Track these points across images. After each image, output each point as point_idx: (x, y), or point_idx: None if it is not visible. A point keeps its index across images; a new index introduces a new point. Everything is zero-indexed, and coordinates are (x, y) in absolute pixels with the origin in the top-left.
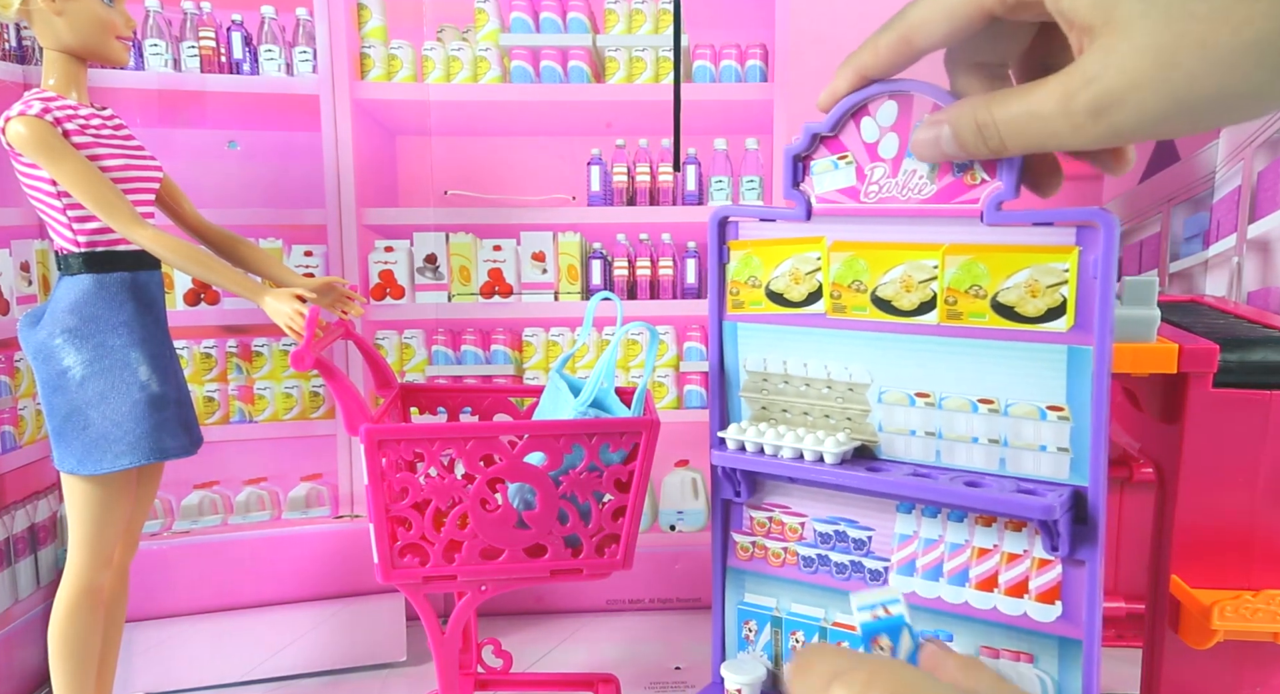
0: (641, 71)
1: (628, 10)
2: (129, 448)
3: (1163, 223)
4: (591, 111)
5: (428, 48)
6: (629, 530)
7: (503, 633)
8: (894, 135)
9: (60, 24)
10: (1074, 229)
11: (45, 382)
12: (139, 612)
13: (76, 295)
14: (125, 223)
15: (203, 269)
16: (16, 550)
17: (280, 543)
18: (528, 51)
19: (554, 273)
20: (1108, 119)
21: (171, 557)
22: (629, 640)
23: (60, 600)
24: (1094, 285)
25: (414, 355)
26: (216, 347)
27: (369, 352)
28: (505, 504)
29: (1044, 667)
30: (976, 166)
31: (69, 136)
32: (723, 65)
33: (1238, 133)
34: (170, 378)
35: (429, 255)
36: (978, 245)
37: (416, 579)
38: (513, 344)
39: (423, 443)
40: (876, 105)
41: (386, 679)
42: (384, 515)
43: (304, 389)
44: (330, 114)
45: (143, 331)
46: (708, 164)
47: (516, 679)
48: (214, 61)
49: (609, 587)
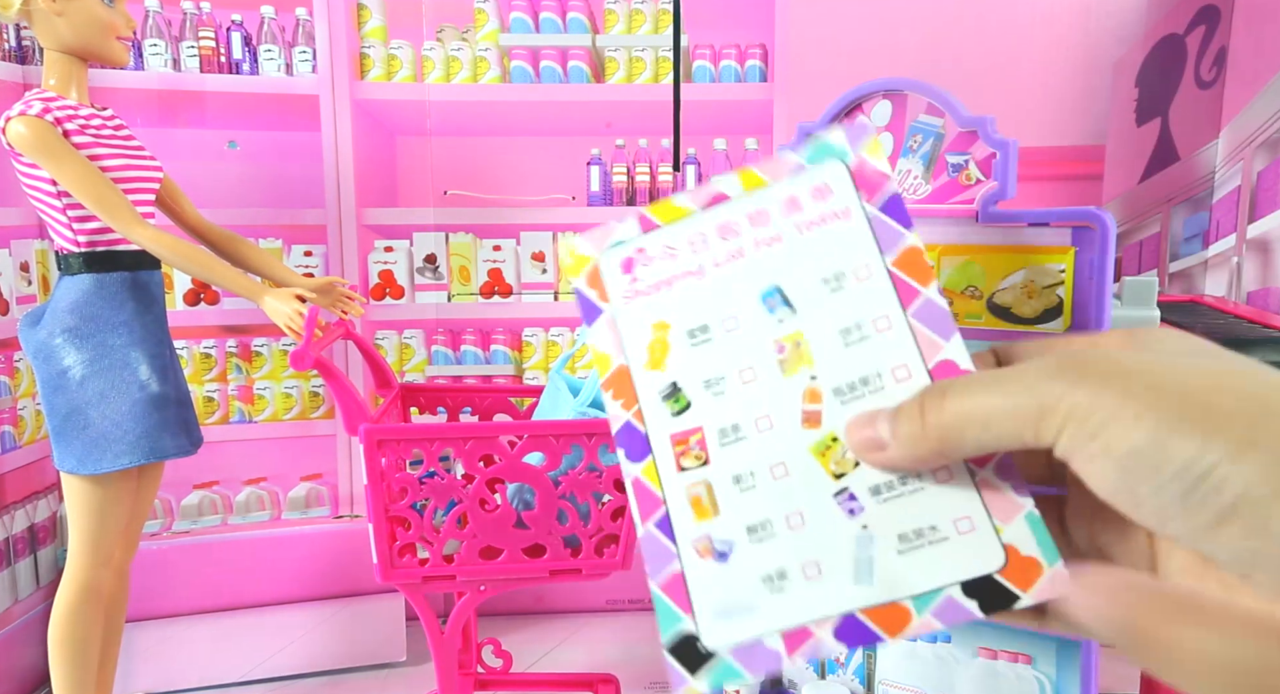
0: (641, 71)
1: (627, 10)
2: (129, 447)
3: (1162, 223)
4: (591, 111)
5: (427, 48)
6: (628, 530)
7: (503, 633)
8: (888, 135)
9: (61, 24)
10: (1070, 229)
11: (45, 381)
12: (139, 612)
13: (77, 295)
14: (125, 223)
15: (202, 269)
16: (16, 550)
17: (280, 543)
18: (527, 51)
19: (554, 273)
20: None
21: (171, 557)
22: (629, 640)
23: (60, 600)
24: (1090, 286)
25: (414, 355)
26: (216, 346)
27: (369, 352)
28: (504, 504)
29: (1042, 668)
30: (972, 166)
31: (69, 136)
32: (722, 65)
33: (1238, 133)
34: (170, 378)
35: (429, 255)
36: (973, 246)
37: (416, 579)
38: (512, 344)
39: (422, 443)
40: (871, 105)
41: (386, 679)
42: (383, 515)
43: (304, 389)
44: (330, 114)
45: (143, 331)
46: (708, 164)
47: (516, 679)
48: (214, 61)
49: (609, 587)
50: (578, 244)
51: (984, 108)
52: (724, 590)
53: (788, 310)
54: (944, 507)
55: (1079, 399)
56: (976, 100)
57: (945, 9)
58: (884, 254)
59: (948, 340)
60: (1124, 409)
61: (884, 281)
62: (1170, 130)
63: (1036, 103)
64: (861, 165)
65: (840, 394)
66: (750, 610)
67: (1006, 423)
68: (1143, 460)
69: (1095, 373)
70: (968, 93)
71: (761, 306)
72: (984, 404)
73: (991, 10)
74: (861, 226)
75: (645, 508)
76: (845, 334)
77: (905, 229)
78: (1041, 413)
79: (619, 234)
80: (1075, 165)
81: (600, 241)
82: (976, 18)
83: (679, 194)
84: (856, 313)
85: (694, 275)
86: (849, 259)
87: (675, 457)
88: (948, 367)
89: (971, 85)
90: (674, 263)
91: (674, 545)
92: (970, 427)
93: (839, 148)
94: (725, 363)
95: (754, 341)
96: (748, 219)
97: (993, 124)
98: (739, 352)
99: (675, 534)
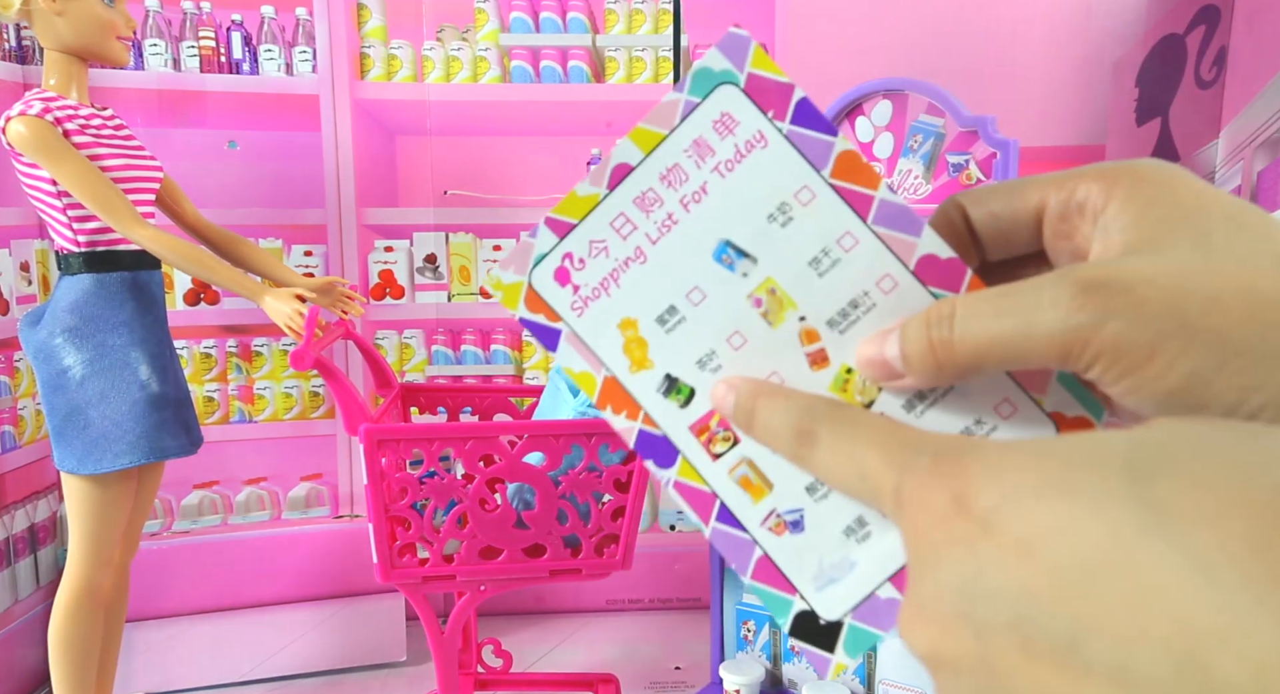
0: (641, 71)
1: (628, 10)
2: (129, 447)
3: None
4: (591, 111)
5: (427, 48)
6: (628, 530)
7: (503, 633)
8: (889, 135)
9: (61, 24)
10: None
11: (45, 381)
12: (139, 612)
13: (77, 295)
14: (125, 222)
15: (202, 269)
16: (16, 550)
17: (280, 543)
18: (527, 51)
19: None
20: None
21: (171, 557)
22: (629, 640)
23: (60, 600)
24: None
25: (414, 355)
26: (216, 347)
27: (369, 351)
28: (504, 504)
29: None
30: (973, 166)
31: (69, 136)
32: None
33: (1238, 133)
34: (170, 378)
35: (429, 255)
36: None
37: (416, 579)
38: (513, 344)
39: (422, 443)
40: (871, 104)
41: (386, 679)
42: (383, 515)
43: (304, 389)
44: (330, 114)
45: (143, 331)
46: None
47: (516, 679)
48: (214, 61)
49: (609, 587)
50: (501, 275)
51: (984, 108)
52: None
53: (747, 262)
54: (981, 399)
55: (1111, 331)
56: (977, 100)
57: (945, 9)
58: (818, 170)
59: (919, 236)
60: (1165, 346)
61: (831, 197)
62: (1170, 130)
63: (1036, 103)
64: (754, 81)
65: (835, 325)
66: (850, 567)
67: (1028, 352)
68: (1187, 398)
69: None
70: (968, 93)
71: (719, 266)
72: (999, 333)
73: (991, 10)
74: (783, 148)
75: (699, 508)
76: (815, 264)
77: (829, 136)
78: (1068, 344)
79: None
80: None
81: (521, 262)
82: (976, 17)
83: (579, 183)
84: (817, 239)
85: (634, 261)
86: (785, 187)
87: (703, 446)
88: (930, 261)
89: (971, 85)
90: (608, 257)
91: (745, 534)
92: (988, 356)
93: (722, 70)
94: (709, 336)
95: (728, 305)
96: (662, 181)
97: (993, 124)
98: (717, 320)
99: (741, 522)
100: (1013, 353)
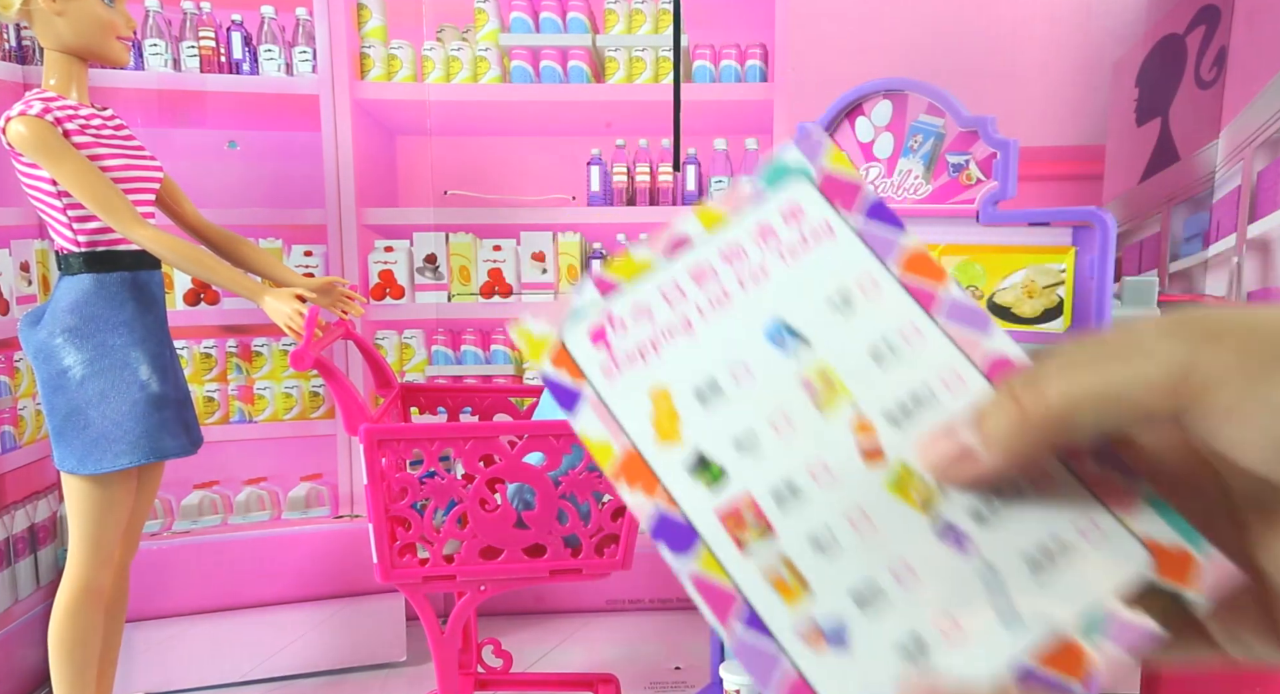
0: (641, 71)
1: (628, 10)
2: (129, 447)
3: (1163, 223)
4: (591, 111)
5: (427, 48)
6: (628, 530)
7: (503, 633)
8: (889, 135)
9: (61, 24)
10: (1070, 229)
11: (45, 381)
12: (139, 612)
13: (77, 295)
14: (125, 222)
15: (202, 269)
16: (16, 550)
17: (280, 543)
18: (527, 51)
19: (554, 273)
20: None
21: (171, 557)
22: (629, 640)
23: (60, 600)
24: (1091, 286)
25: (414, 355)
26: (216, 347)
27: (369, 351)
28: (504, 504)
29: None
30: (973, 166)
31: (69, 136)
32: (723, 65)
33: (1238, 132)
34: (170, 378)
35: (429, 255)
36: (974, 246)
37: (416, 579)
38: (513, 344)
39: (422, 443)
40: (871, 105)
41: (386, 679)
42: (384, 515)
43: (304, 389)
44: (330, 114)
45: (143, 331)
46: (708, 164)
47: (516, 679)
48: (214, 61)
49: (609, 587)
50: (531, 326)
51: (984, 108)
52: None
53: (800, 343)
54: (1057, 513)
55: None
56: (977, 100)
57: (945, 9)
58: (884, 261)
59: (988, 334)
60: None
61: (895, 289)
62: (1170, 130)
63: (1036, 103)
64: (827, 177)
65: (893, 418)
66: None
67: (1131, 396)
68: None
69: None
70: (968, 93)
71: (769, 345)
72: (1098, 379)
73: (991, 10)
74: (850, 240)
75: (719, 608)
76: (874, 352)
77: (899, 231)
78: (1173, 379)
79: (577, 303)
80: (1075, 165)
81: (556, 316)
82: (976, 17)
83: (634, 246)
84: (878, 328)
85: (680, 331)
86: (848, 274)
87: (731, 536)
88: (1001, 362)
89: (971, 85)
90: (652, 323)
91: (774, 643)
92: (1084, 408)
93: (797, 165)
94: (750, 415)
95: (775, 384)
96: (721, 258)
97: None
98: (761, 399)
99: (770, 628)
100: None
